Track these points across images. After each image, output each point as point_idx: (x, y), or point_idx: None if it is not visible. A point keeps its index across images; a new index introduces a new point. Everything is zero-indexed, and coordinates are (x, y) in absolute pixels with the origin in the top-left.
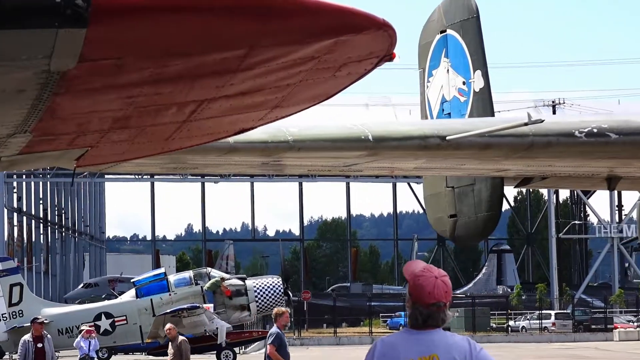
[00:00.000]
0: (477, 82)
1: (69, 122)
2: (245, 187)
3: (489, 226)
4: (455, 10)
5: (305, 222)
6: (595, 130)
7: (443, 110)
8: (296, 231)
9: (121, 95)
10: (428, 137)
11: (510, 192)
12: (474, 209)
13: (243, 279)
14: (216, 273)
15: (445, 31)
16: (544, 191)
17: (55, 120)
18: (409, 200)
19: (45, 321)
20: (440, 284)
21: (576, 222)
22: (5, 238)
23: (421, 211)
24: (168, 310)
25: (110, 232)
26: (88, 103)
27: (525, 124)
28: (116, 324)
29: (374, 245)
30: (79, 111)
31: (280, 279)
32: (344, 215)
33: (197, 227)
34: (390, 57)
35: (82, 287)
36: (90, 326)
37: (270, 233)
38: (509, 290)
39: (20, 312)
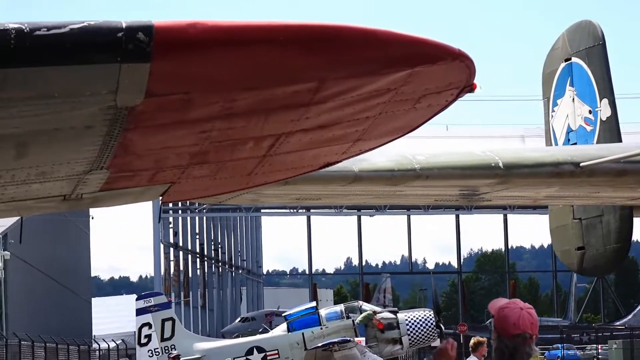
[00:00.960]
0: (604, 111)
1: (145, 158)
2: (402, 219)
3: (618, 258)
4: (581, 37)
5: (465, 254)
6: None
7: (569, 140)
8: (455, 263)
9: (193, 130)
10: (561, 164)
11: None
12: (602, 240)
13: (395, 312)
14: (367, 306)
15: (570, 59)
16: None
17: (130, 156)
18: None
19: (179, 355)
20: (526, 315)
21: None
22: (162, 273)
23: None
24: (319, 344)
25: (270, 266)
26: (161, 139)
27: None
28: (268, 358)
29: (533, 277)
30: (153, 147)
31: (432, 312)
32: (503, 247)
33: (356, 261)
34: (471, 88)
35: (239, 321)
36: None
37: (430, 266)
38: None
39: (172, 347)
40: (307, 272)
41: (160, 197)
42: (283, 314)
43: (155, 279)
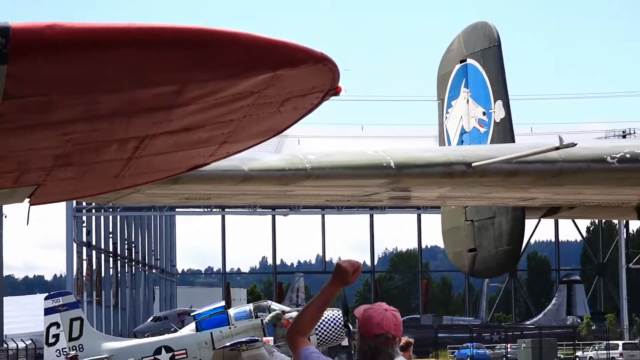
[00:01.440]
0: (498, 113)
1: (8, 160)
2: (316, 219)
3: (510, 260)
4: (476, 39)
5: (380, 254)
6: (628, 156)
7: (462, 141)
8: (369, 263)
9: (56, 133)
10: (453, 164)
11: (582, 222)
12: (494, 242)
13: None
14: (276, 306)
15: (465, 60)
16: (616, 221)
17: None
18: None
19: (77, 355)
20: (390, 316)
21: None
22: (75, 272)
23: None
24: (227, 344)
25: (184, 265)
26: (23, 141)
27: (556, 148)
28: (176, 357)
29: (447, 277)
30: (15, 149)
31: (340, 312)
32: (417, 246)
33: (271, 260)
34: (335, 91)
35: (152, 320)
36: None
37: None
38: (579, 320)
39: (80, 346)
40: (221, 272)
41: (28, 200)
42: (191, 314)
43: (67, 278)
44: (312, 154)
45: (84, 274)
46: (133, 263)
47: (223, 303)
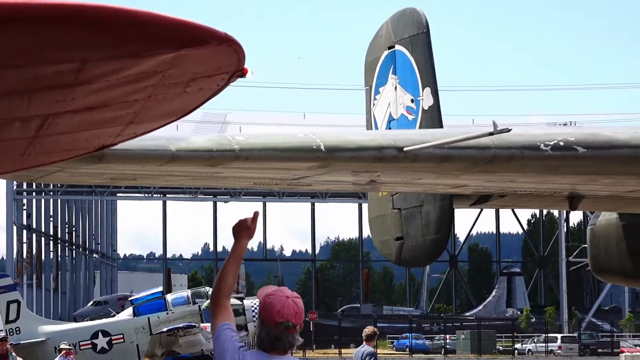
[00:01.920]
0: (426, 100)
1: None
2: (257, 206)
3: (437, 249)
4: (405, 25)
5: (322, 243)
6: (562, 144)
7: (390, 129)
8: (311, 251)
9: None
10: (384, 148)
11: (524, 214)
12: (421, 231)
13: (241, 299)
14: None
15: (393, 47)
16: (557, 214)
17: None
18: None
19: (5, 337)
20: (291, 304)
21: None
22: (15, 255)
23: None
24: (164, 329)
25: (127, 250)
26: None
27: (490, 134)
28: (113, 342)
29: (388, 267)
30: None
31: None
32: (358, 235)
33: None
34: (242, 72)
35: (92, 304)
36: (69, 346)
37: (287, 253)
38: (519, 313)
39: (17, 329)
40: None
41: None
42: (129, 299)
43: (7, 260)
44: (241, 135)
45: (24, 257)
46: (74, 247)
47: (160, 289)
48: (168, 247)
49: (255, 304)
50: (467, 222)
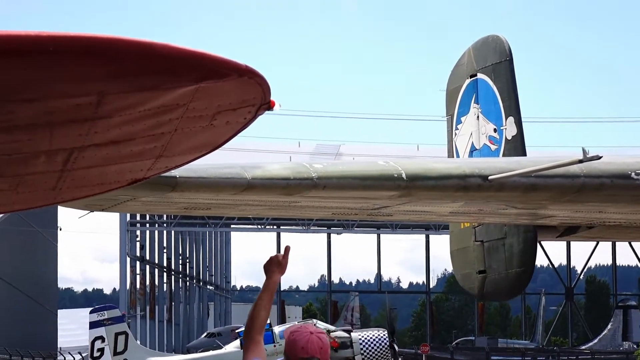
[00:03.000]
0: (510, 130)
1: None
2: (371, 238)
3: (520, 283)
4: (487, 53)
5: (439, 275)
6: None
7: None
8: (426, 284)
9: None
10: (468, 177)
11: None
12: (504, 264)
13: (349, 332)
14: (322, 325)
15: (475, 75)
16: None
17: None
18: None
19: None
20: (315, 340)
21: None
22: (128, 287)
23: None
24: None
25: (243, 281)
26: None
27: (580, 161)
28: None
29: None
30: None
31: (385, 332)
32: None
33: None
34: (268, 105)
35: (205, 336)
36: None
37: (404, 285)
38: (634, 346)
39: None
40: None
41: None
42: (236, 331)
43: (120, 292)
44: (319, 162)
45: (138, 289)
46: (187, 278)
47: (268, 320)
48: (285, 278)
49: (363, 337)
50: (584, 254)
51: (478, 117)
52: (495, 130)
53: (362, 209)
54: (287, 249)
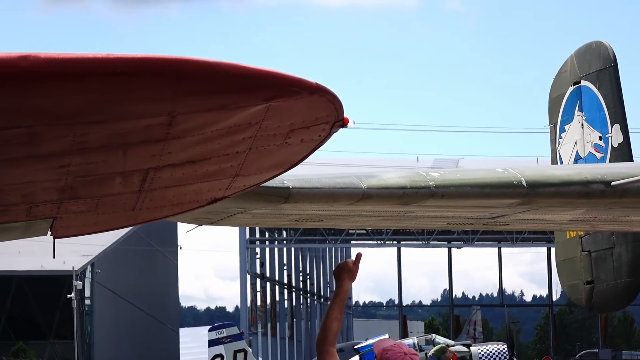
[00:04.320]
0: (616, 137)
1: (10, 193)
2: (492, 252)
3: (630, 293)
4: (591, 59)
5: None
6: None
7: None
8: (554, 296)
9: (51, 165)
10: (590, 183)
11: None
12: (613, 274)
13: (468, 346)
14: (441, 339)
15: (579, 82)
16: None
17: None
18: None
19: None
20: None
21: None
22: (249, 304)
23: None
24: None
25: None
26: (18, 173)
27: None
28: None
29: (628, 311)
30: (13, 181)
31: (505, 346)
32: None
33: (454, 292)
34: (342, 122)
35: None
36: None
37: (527, 298)
38: None
39: None
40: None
41: (50, 233)
42: (355, 346)
43: (241, 310)
44: (436, 171)
45: (258, 306)
46: (308, 295)
47: (387, 335)
48: (408, 293)
49: (482, 351)
50: None
51: (582, 125)
52: (600, 138)
53: (479, 219)
54: (359, 256)
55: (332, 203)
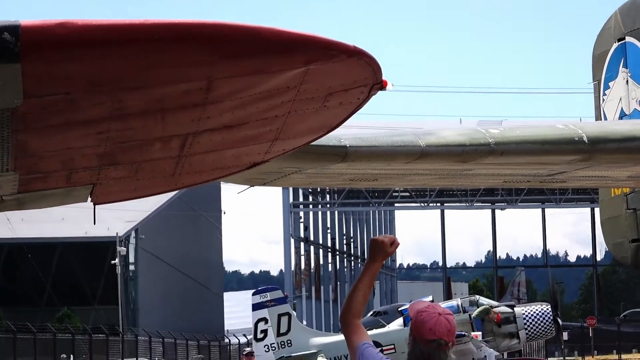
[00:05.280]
0: None
1: (50, 159)
2: (536, 213)
3: None
4: (636, 15)
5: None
6: None
7: None
8: (598, 256)
9: (90, 131)
10: None
11: None
12: None
13: (512, 307)
14: (485, 300)
15: (623, 39)
16: None
17: (32, 157)
18: None
19: (252, 351)
20: (443, 321)
21: None
22: (293, 268)
23: None
24: None
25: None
26: (58, 139)
27: None
28: (384, 352)
29: None
30: (52, 148)
31: (549, 306)
32: None
33: (498, 254)
34: (381, 85)
35: (371, 315)
36: None
37: (571, 259)
38: None
39: (288, 341)
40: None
41: (90, 199)
42: (399, 309)
43: (285, 273)
44: (495, 128)
45: (302, 270)
46: (352, 258)
47: (430, 297)
48: (452, 255)
49: (526, 312)
50: None
51: (627, 81)
52: None
53: (536, 176)
54: (397, 243)
55: (389, 162)
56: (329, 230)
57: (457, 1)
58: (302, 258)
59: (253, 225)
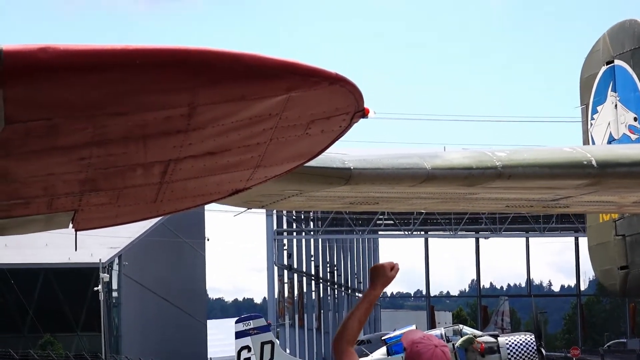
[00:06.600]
0: None
1: (31, 185)
2: (519, 242)
3: None
4: (624, 38)
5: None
6: None
7: None
8: (582, 285)
9: (71, 157)
10: None
11: None
12: None
13: (495, 336)
14: (468, 330)
15: (612, 62)
16: None
17: (13, 183)
18: None
19: None
20: (439, 353)
21: None
22: (276, 295)
23: None
24: None
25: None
26: (39, 165)
27: None
28: None
29: None
30: (34, 174)
31: (533, 336)
32: None
33: (482, 282)
34: (363, 112)
35: (355, 344)
36: None
37: (555, 288)
38: None
39: None
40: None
41: (72, 225)
42: (382, 337)
43: (269, 301)
44: (501, 150)
45: (286, 297)
46: (335, 286)
47: (414, 326)
48: (436, 284)
49: (510, 341)
50: None
51: (616, 105)
52: (635, 119)
53: (540, 201)
54: (397, 268)
55: (394, 184)
56: (312, 258)
57: (438, 28)
58: (286, 286)
59: (237, 252)
